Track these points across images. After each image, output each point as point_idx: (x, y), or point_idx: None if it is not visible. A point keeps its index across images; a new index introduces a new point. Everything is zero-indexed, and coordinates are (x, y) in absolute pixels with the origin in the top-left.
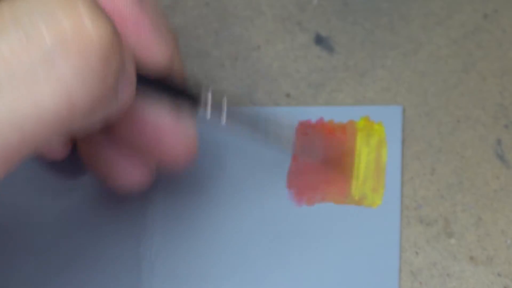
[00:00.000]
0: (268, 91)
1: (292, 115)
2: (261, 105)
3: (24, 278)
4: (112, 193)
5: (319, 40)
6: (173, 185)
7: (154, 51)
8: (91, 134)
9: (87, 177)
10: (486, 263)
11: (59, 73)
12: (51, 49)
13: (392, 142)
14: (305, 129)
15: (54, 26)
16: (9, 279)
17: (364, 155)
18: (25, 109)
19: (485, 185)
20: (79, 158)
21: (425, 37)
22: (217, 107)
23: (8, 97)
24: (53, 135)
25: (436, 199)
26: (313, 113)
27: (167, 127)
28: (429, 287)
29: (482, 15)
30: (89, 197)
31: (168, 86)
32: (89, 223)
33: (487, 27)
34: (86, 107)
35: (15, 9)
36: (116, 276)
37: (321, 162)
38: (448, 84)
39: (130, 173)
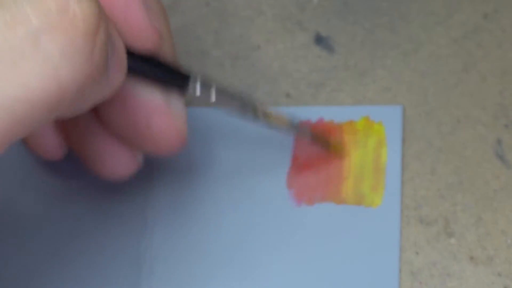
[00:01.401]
0: (268, 91)
1: (292, 115)
2: None
3: (22, 278)
4: (111, 193)
5: (319, 40)
6: (172, 185)
7: (144, 28)
8: (79, 119)
9: (86, 177)
10: (486, 263)
11: (45, 52)
12: (36, 28)
13: (392, 142)
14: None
15: (39, 5)
16: (6, 279)
17: (358, 156)
18: (14, 91)
19: (485, 185)
20: (78, 159)
21: (425, 37)
22: (206, 85)
23: None
24: (44, 117)
25: (436, 199)
26: (313, 113)
27: (157, 108)
28: (429, 287)
29: (482, 15)
30: (88, 198)
31: (158, 64)
32: (88, 223)
33: (487, 27)
34: (74, 87)
35: None
36: (116, 276)
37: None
38: (448, 84)
39: (117, 160)
